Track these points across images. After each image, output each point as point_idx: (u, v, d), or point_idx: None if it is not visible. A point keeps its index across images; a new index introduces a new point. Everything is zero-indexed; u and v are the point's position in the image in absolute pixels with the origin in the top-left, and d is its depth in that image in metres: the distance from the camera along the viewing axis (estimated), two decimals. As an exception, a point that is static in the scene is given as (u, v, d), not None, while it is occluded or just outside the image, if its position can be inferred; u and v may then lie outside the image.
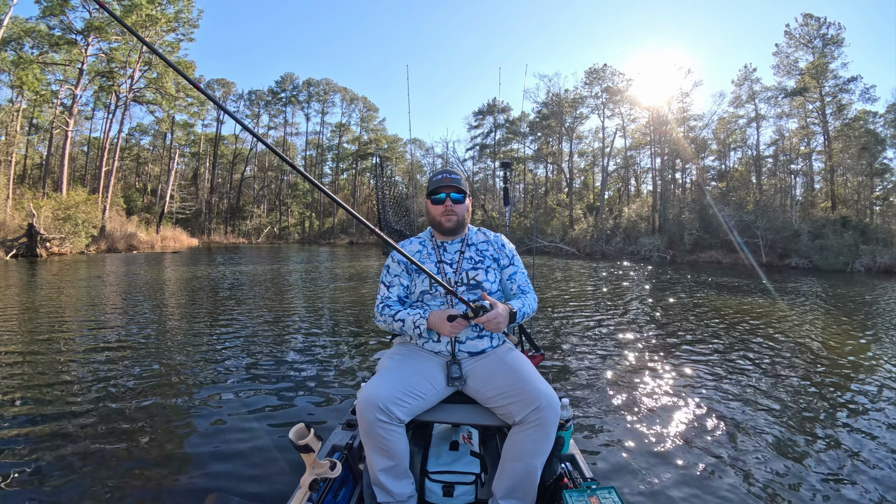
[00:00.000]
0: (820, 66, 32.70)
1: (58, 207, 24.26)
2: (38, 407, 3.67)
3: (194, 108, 43.43)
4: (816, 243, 25.31)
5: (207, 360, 5.10)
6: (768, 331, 7.29)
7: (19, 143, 31.34)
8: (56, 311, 7.82)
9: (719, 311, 9.17)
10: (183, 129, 52.72)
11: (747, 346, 6.19)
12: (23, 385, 4.20)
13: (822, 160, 34.86)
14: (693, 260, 28.89)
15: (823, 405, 4.09)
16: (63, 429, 3.27)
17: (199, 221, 53.41)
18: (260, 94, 60.76)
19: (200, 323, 7.20)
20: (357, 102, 62.72)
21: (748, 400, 4.13)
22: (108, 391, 4.02)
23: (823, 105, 33.49)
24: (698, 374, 4.88)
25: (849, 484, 2.74)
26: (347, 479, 2.01)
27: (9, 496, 2.47)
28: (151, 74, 36.01)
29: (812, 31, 33.82)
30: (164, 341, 5.94)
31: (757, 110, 37.58)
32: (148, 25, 32.31)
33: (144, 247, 30.40)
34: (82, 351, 5.39)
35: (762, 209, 28.98)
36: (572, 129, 47.79)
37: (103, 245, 27.03)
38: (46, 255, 21.30)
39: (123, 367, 4.73)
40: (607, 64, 44.84)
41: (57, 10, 29.99)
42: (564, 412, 2.04)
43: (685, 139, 39.29)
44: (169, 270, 16.48)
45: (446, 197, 2.14)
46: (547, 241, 37.59)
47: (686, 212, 34.19)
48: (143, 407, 3.69)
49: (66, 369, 4.66)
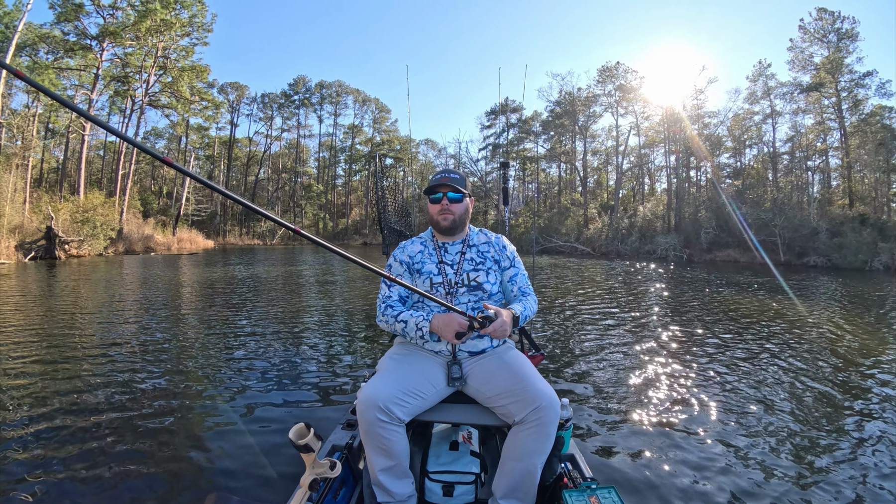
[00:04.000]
0: (835, 60, 32.16)
1: (76, 210, 24.61)
2: (42, 406, 3.72)
3: (209, 112, 43.85)
4: (835, 241, 24.86)
5: (209, 360, 5.14)
6: (774, 329, 7.20)
7: (36, 147, 31.76)
8: (74, 312, 7.92)
9: (730, 310, 9.06)
10: (197, 132, 53.21)
11: (754, 346, 6.12)
12: (33, 383, 4.26)
13: (839, 156, 34.29)
14: (710, 259, 28.55)
15: (831, 405, 4.02)
16: (66, 427, 3.31)
17: (214, 223, 53.88)
18: (273, 96, 61.20)
19: (208, 324, 7.25)
20: (369, 104, 63.01)
21: (751, 400, 4.09)
22: (112, 391, 4.07)
23: (839, 100, 32.91)
24: (701, 375, 4.84)
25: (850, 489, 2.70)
26: (347, 478, 2.02)
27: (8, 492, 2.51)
28: (166, 79, 36.39)
29: (826, 25, 33.27)
30: (169, 342, 5.99)
31: (772, 106, 37.05)
32: (163, 30, 32.66)
33: (161, 248, 30.78)
34: (91, 352, 5.44)
35: (780, 207, 28.54)
36: (586, 127, 47.47)
37: (121, 247, 27.40)
38: (65, 258, 21.60)
39: (128, 368, 4.77)
40: (620, 62, 44.44)
41: (71, 15, 30.38)
42: (564, 412, 2.04)
43: (699, 136, 38.87)
44: (185, 272, 16.66)
45: (443, 196, 2.14)
46: (562, 240, 37.41)
47: (702, 210, 33.78)
48: (143, 407, 3.72)
49: (74, 370, 4.71)
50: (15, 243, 20.39)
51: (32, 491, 2.51)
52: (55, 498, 2.45)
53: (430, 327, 1.93)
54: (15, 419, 3.48)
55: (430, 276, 2.12)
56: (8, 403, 3.81)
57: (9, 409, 3.67)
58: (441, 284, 2.10)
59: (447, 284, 2.09)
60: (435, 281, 2.10)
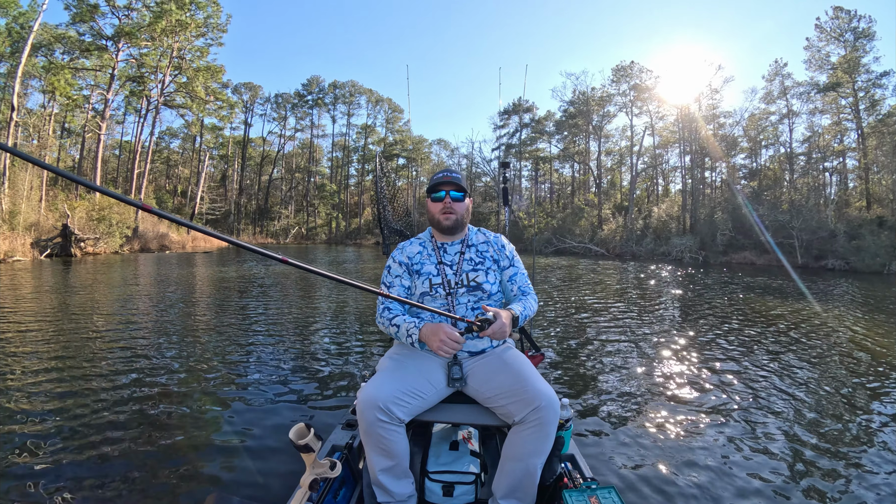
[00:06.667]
0: (852, 60, 31.68)
1: (92, 209, 24.97)
2: (43, 404, 3.75)
3: (223, 112, 44.23)
4: (853, 244, 24.40)
5: (211, 360, 5.16)
6: (780, 330, 7.12)
7: (52, 146, 32.24)
8: (87, 309, 8.02)
9: (739, 313, 8.96)
10: (212, 132, 53.69)
11: (758, 348, 6.04)
12: (37, 380, 4.32)
13: (856, 157, 33.77)
14: (726, 261, 28.17)
15: (836, 406, 3.95)
16: (67, 427, 3.33)
17: (228, 222, 54.42)
18: (287, 97, 61.59)
19: (212, 323, 7.28)
20: (382, 104, 63.18)
21: (754, 401, 4.04)
22: (114, 390, 4.09)
23: (856, 100, 32.42)
24: (703, 376, 4.80)
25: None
26: (347, 479, 2.02)
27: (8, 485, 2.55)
28: (181, 79, 36.75)
29: (843, 24, 32.78)
30: (171, 341, 6.01)
31: (789, 106, 36.59)
32: (178, 31, 32.97)
33: (176, 247, 31.18)
34: (96, 350, 5.48)
35: (797, 209, 28.15)
36: (600, 127, 47.19)
37: (136, 245, 27.77)
38: (81, 255, 21.93)
39: (131, 368, 4.79)
40: (634, 61, 44.08)
41: (86, 16, 30.80)
42: (564, 412, 2.04)
43: (714, 137, 38.48)
44: (197, 271, 16.84)
45: (446, 195, 2.13)
46: (575, 241, 37.24)
47: (718, 211, 33.42)
48: (144, 406, 3.74)
49: (76, 368, 4.75)
50: (31, 241, 20.70)
51: (32, 490, 2.53)
52: (55, 497, 2.47)
53: (419, 335, 1.92)
54: (14, 415, 3.52)
55: (430, 276, 2.11)
56: (11, 398, 3.86)
57: (11, 404, 3.72)
58: (440, 285, 2.09)
59: (447, 285, 2.08)
60: (434, 282, 2.09)
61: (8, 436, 3.19)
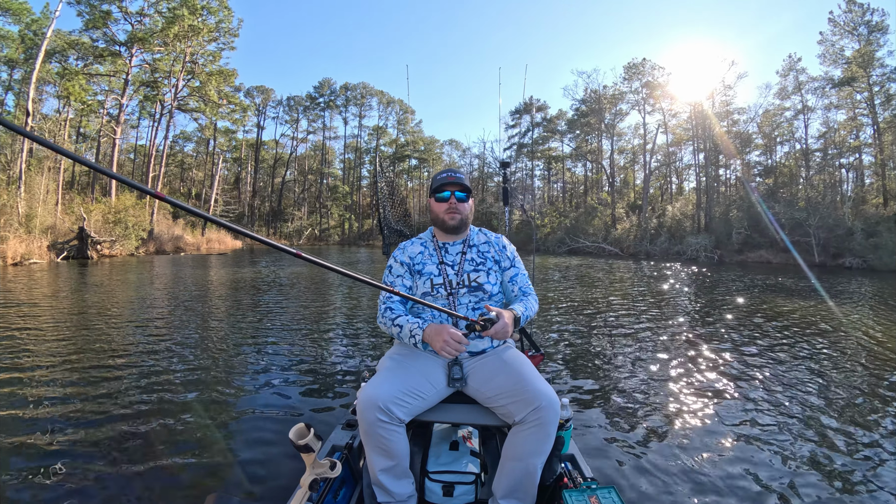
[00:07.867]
0: (866, 54, 31.16)
1: (107, 211, 25.27)
2: (43, 403, 3.80)
3: (236, 116, 44.59)
4: (870, 242, 24.01)
5: (212, 360, 5.18)
6: (786, 330, 7.03)
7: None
8: (102, 311, 8.10)
9: (748, 312, 8.86)
10: (225, 135, 54.20)
11: (764, 348, 5.96)
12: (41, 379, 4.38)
13: (872, 153, 33.21)
14: (742, 260, 27.88)
15: (844, 408, 3.89)
16: (67, 426, 3.36)
17: (241, 224, 54.71)
18: (298, 99, 62.03)
19: (221, 324, 7.31)
20: (394, 105, 63.35)
21: (756, 402, 4.00)
22: (117, 389, 4.13)
23: (871, 95, 31.88)
24: (704, 376, 4.75)
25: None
26: (347, 479, 2.03)
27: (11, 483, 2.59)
28: (195, 83, 37.09)
29: (856, 17, 32.22)
30: (179, 342, 6.03)
31: (804, 102, 36.07)
32: (190, 36, 33.27)
33: (191, 249, 31.48)
34: (103, 349, 5.53)
35: (814, 206, 27.75)
36: (612, 125, 46.89)
37: (152, 247, 28.05)
38: (97, 257, 22.18)
39: (134, 367, 4.83)
40: (646, 58, 43.69)
41: (99, 22, 31.11)
42: (564, 412, 2.04)
43: (728, 134, 38.06)
44: (211, 272, 16.97)
45: (451, 195, 2.14)
46: (589, 241, 37.04)
47: (734, 209, 33.03)
48: (144, 406, 3.77)
49: (80, 367, 4.81)
50: (48, 243, 20.98)
51: (32, 488, 2.56)
52: (54, 496, 2.49)
53: (422, 336, 1.92)
54: (23, 414, 3.57)
55: (431, 277, 2.11)
56: (21, 395, 3.93)
57: (18, 401, 3.79)
58: (442, 286, 2.09)
59: (448, 285, 2.09)
60: (436, 282, 2.10)
61: (12, 429, 3.26)
